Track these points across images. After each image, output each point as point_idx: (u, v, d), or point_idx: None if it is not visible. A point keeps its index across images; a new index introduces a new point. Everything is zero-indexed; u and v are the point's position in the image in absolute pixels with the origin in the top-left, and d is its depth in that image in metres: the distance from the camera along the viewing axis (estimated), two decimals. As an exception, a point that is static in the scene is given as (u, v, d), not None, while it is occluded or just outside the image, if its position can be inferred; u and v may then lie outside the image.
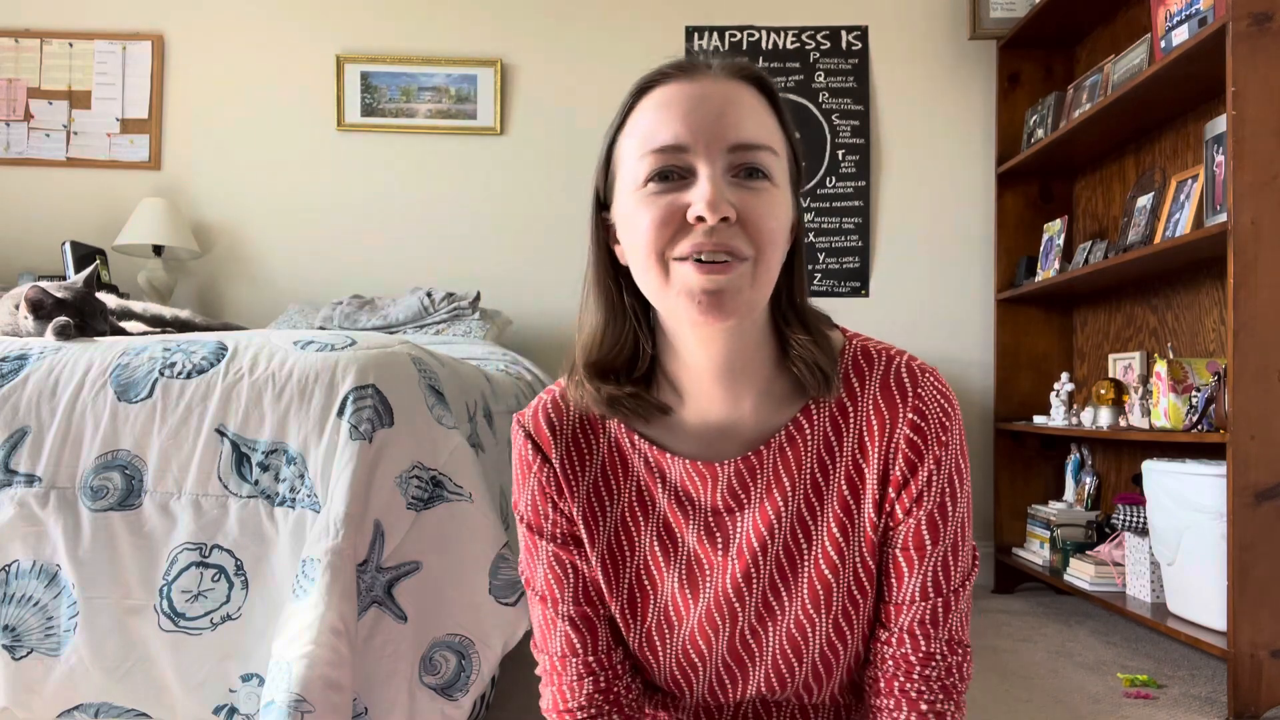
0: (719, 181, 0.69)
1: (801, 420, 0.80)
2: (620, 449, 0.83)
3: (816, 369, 0.77)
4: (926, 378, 0.79)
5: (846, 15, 3.36)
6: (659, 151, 0.71)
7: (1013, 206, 3.23)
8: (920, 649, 0.79)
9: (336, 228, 3.33)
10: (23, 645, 1.28)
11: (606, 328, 0.80)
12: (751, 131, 0.72)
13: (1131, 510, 2.44)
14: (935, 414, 0.78)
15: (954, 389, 3.16)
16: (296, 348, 1.39)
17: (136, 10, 3.35)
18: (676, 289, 0.71)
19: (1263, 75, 1.89)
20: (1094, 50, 3.08)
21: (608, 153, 0.78)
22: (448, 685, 1.26)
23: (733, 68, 0.75)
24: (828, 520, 0.80)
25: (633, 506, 0.83)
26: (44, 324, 1.53)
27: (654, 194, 0.71)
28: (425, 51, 3.36)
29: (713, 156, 0.70)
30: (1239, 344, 1.87)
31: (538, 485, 0.84)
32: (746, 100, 0.73)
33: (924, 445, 0.77)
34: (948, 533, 0.79)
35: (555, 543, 0.85)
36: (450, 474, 1.31)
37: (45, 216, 3.28)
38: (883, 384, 0.79)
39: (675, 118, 0.71)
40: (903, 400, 0.78)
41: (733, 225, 0.70)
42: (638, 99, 0.75)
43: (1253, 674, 1.84)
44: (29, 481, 1.30)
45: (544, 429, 0.84)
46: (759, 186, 0.71)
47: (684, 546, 0.83)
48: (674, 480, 0.82)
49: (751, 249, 0.70)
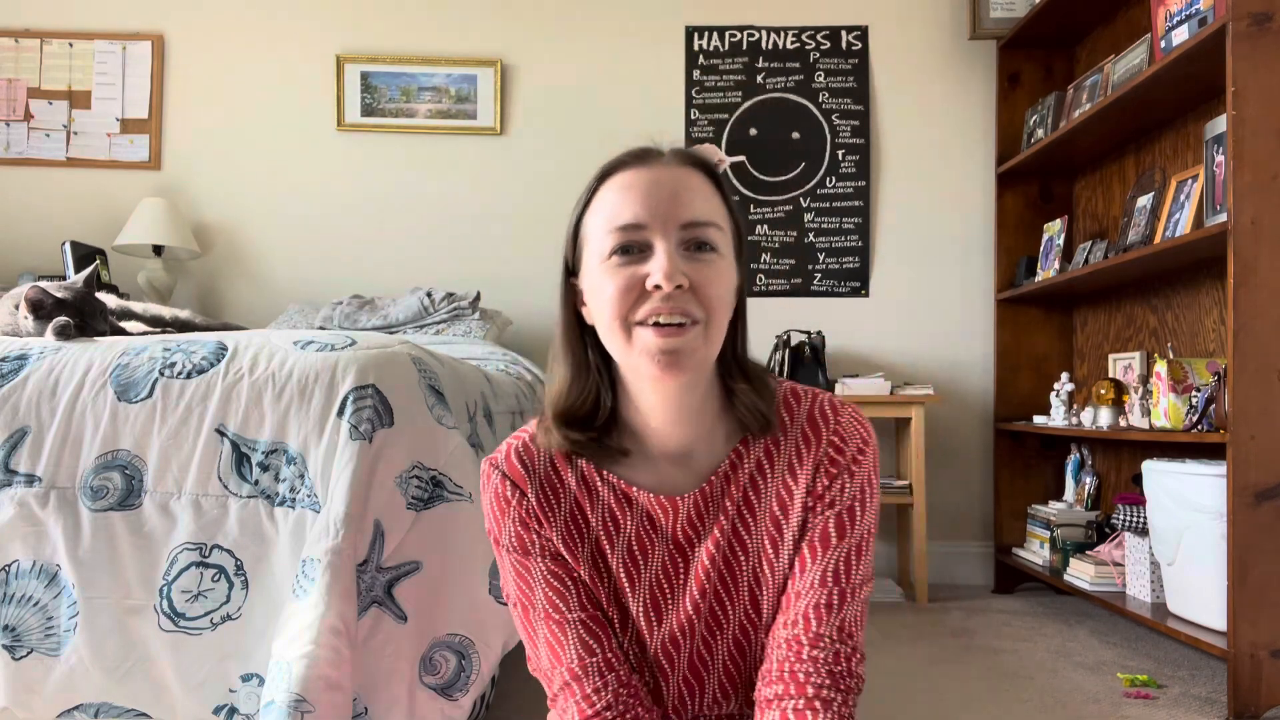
0: (673, 255, 0.81)
1: (741, 450, 0.91)
2: (588, 482, 0.92)
3: (757, 412, 0.88)
4: (846, 409, 0.92)
5: (846, 15, 3.37)
6: (621, 229, 0.82)
7: (1013, 206, 3.23)
8: (811, 629, 0.86)
9: (336, 228, 3.33)
10: (23, 645, 1.28)
11: (573, 382, 0.90)
12: (699, 211, 0.83)
13: (1131, 510, 2.44)
14: (853, 439, 0.90)
15: (954, 389, 3.14)
16: (296, 348, 1.39)
17: (136, 10, 3.35)
18: (638, 349, 0.82)
19: (1263, 75, 1.89)
20: (1094, 50, 3.08)
21: (575, 228, 0.89)
22: (448, 685, 1.26)
23: (682, 156, 0.87)
24: (760, 537, 0.91)
25: (603, 532, 0.92)
26: (44, 324, 1.53)
27: (617, 266, 0.82)
28: (425, 51, 3.36)
29: (667, 233, 0.82)
30: (1239, 344, 1.87)
31: (519, 518, 0.91)
32: (695, 184, 0.85)
33: (841, 460, 0.89)
34: (853, 535, 0.88)
35: (548, 558, 0.91)
36: (450, 474, 1.31)
37: (45, 216, 3.28)
38: (809, 417, 0.91)
39: (635, 200, 0.83)
40: (826, 427, 0.90)
41: (686, 292, 0.81)
42: (601, 182, 0.87)
43: (1253, 674, 1.84)
44: (29, 481, 1.30)
45: (518, 468, 0.92)
46: (707, 258, 0.83)
47: (648, 571, 0.92)
48: (640, 509, 0.91)
49: (702, 312, 0.82)
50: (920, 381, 3.19)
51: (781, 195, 3.35)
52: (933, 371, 3.30)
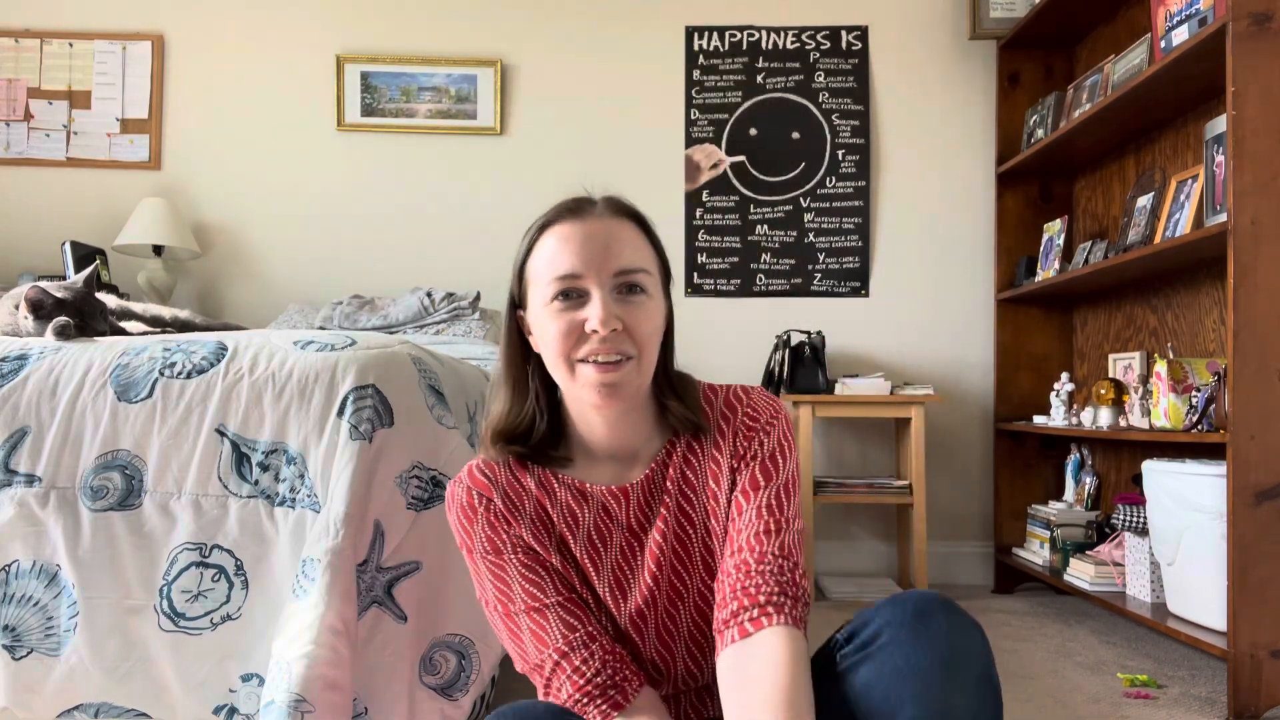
0: (607, 302, 0.93)
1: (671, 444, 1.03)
2: (546, 484, 1.02)
3: (688, 421, 1.01)
4: (754, 390, 1.05)
5: (846, 15, 3.36)
6: (560, 279, 0.94)
7: (1013, 206, 3.23)
8: (755, 551, 0.94)
9: (336, 228, 3.33)
10: (23, 645, 1.28)
11: (513, 404, 1.02)
12: (629, 259, 0.95)
13: (1131, 510, 2.44)
14: (764, 410, 1.02)
15: (954, 389, 3.15)
16: (296, 348, 1.39)
17: (136, 10, 3.35)
18: (581, 383, 0.94)
19: (1263, 75, 1.89)
20: (1094, 50, 3.08)
21: (521, 268, 1.00)
22: (448, 685, 1.26)
23: (614, 206, 0.99)
24: (702, 512, 1.02)
25: (564, 526, 1.01)
26: (44, 324, 1.53)
27: (559, 310, 0.94)
28: (425, 51, 3.36)
29: (602, 281, 0.93)
30: (1239, 344, 1.87)
31: (487, 523, 1.00)
32: (625, 234, 0.97)
33: (756, 425, 1.02)
34: (779, 478, 0.99)
35: (520, 552, 1.00)
36: (450, 474, 1.31)
37: (45, 216, 3.28)
38: (725, 403, 1.04)
39: (571, 252, 0.94)
40: (740, 405, 1.03)
41: (620, 334, 0.93)
42: (541, 232, 0.98)
43: (1253, 674, 1.84)
44: (29, 481, 1.30)
45: (481, 479, 1.02)
46: (637, 300, 0.95)
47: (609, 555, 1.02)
48: (597, 501, 1.02)
49: (635, 348, 0.94)
50: (920, 381, 3.19)
51: (781, 195, 3.35)
52: (933, 371, 3.30)
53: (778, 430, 1.02)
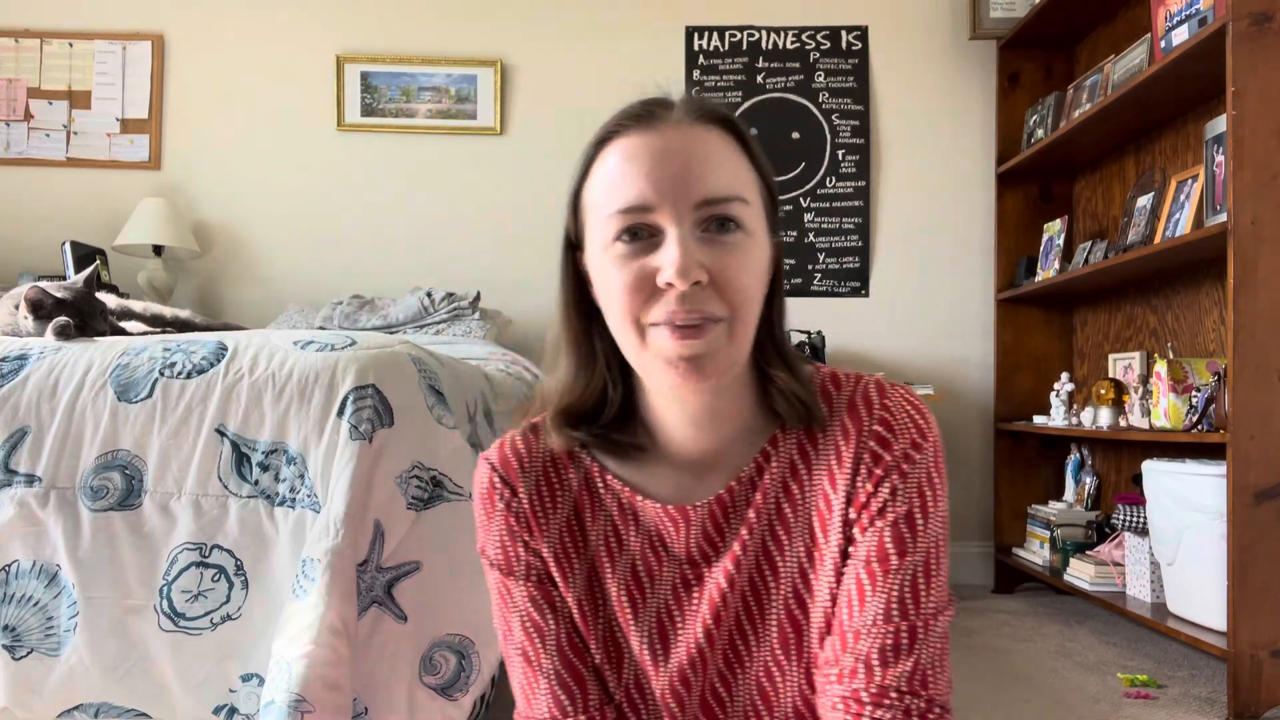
0: (688, 244, 0.67)
1: (768, 449, 0.76)
2: (592, 488, 0.79)
3: (797, 402, 0.74)
4: (895, 390, 0.75)
5: (846, 15, 3.36)
6: (624, 212, 0.69)
7: (1013, 206, 3.23)
8: (875, 682, 0.68)
9: (336, 228, 3.33)
10: (23, 645, 1.28)
11: (577, 374, 0.78)
12: (719, 184, 0.69)
13: (1131, 510, 2.44)
14: (905, 428, 0.72)
15: (954, 389, 3.12)
16: (296, 348, 1.39)
17: (136, 10, 3.35)
18: (653, 353, 0.69)
19: (1263, 75, 1.89)
20: (1094, 50, 3.08)
21: (574, 200, 0.77)
22: (448, 685, 1.26)
23: (695, 111, 0.72)
24: (797, 555, 0.75)
25: (604, 549, 0.79)
26: (44, 324, 1.53)
27: (623, 256, 0.69)
28: (425, 51, 3.36)
29: (680, 215, 0.68)
30: (1239, 344, 1.87)
31: (504, 523, 0.79)
32: (712, 147, 0.71)
33: (888, 457, 0.72)
34: (917, 550, 0.70)
35: (531, 582, 0.79)
36: (450, 474, 1.31)
37: (45, 216, 3.28)
38: (849, 403, 0.75)
39: (639, 175, 0.69)
40: (868, 412, 0.73)
41: (705, 288, 0.67)
42: (600, 148, 0.75)
43: (1253, 674, 1.84)
44: (29, 481, 1.30)
45: (511, 463, 0.80)
46: (731, 241, 0.69)
47: (655, 598, 0.78)
48: (648, 525, 0.78)
49: (726, 309, 0.68)
50: (920, 381, 3.19)
51: (781, 195, 3.34)
52: (933, 371, 3.30)
53: (924, 463, 0.72)
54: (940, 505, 0.72)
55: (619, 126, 0.74)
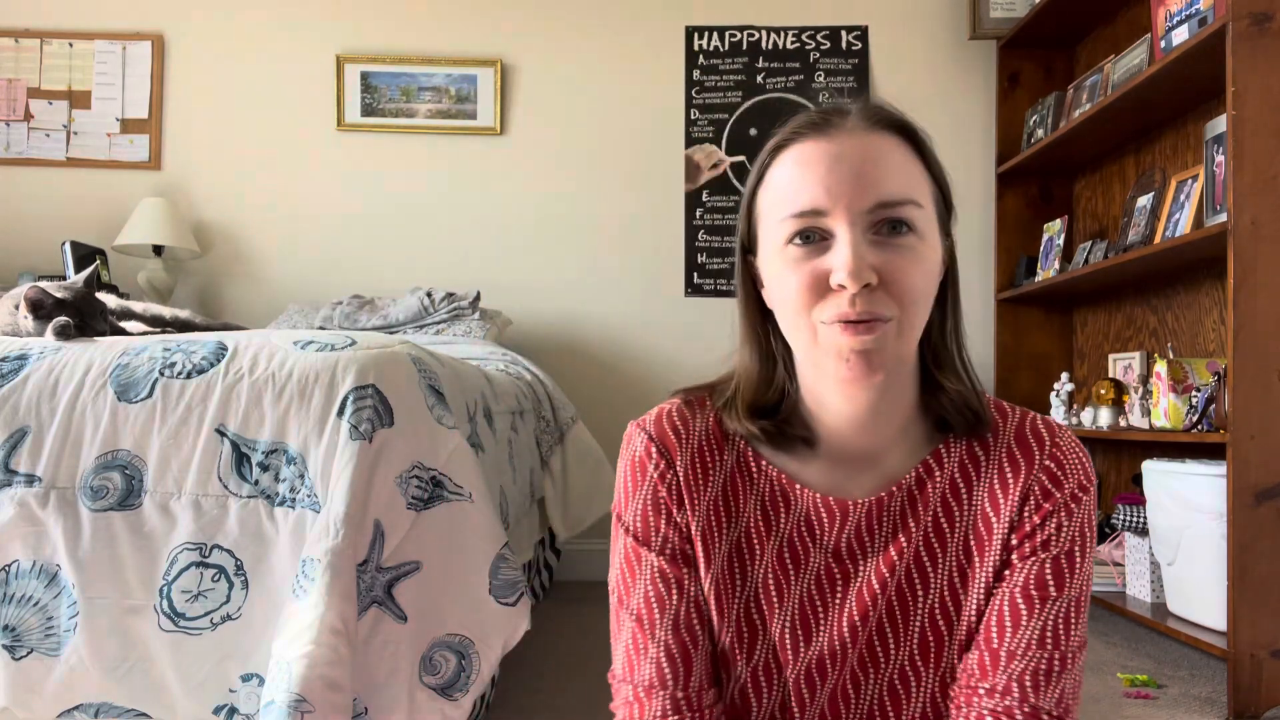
0: (859, 247, 0.69)
1: (931, 462, 0.79)
2: (746, 468, 0.81)
3: (966, 409, 0.77)
4: (1064, 433, 0.79)
5: (846, 15, 3.37)
6: (798, 216, 0.72)
7: (1013, 206, 3.23)
8: (1029, 701, 0.72)
9: (336, 227, 3.33)
10: (23, 645, 1.28)
11: (760, 371, 0.81)
12: (892, 188, 0.71)
13: (1131, 510, 2.44)
14: (1075, 470, 0.77)
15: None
16: (296, 348, 1.39)
17: (136, 10, 3.35)
18: (824, 348, 0.72)
19: (1263, 75, 1.89)
20: (1094, 50, 3.08)
21: (749, 206, 0.79)
22: (448, 685, 1.26)
23: (871, 117, 0.74)
24: (949, 568, 0.78)
25: (753, 530, 0.81)
26: (44, 324, 1.53)
27: (796, 259, 0.72)
28: (425, 51, 3.36)
29: (852, 219, 0.70)
30: (1239, 344, 1.87)
31: (652, 493, 0.81)
32: (886, 153, 0.72)
33: (1059, 495, 0.76)
34: (1072, 587, 0.75)
35: (664, 556, 0.81)
36: (450, 474, 1.31)
37: (45, 216, 3.28)
38: (1018, 434, 0.78)
39: (813, 180, 0.71)
40: (1040, 449, 0.77)
41: (875, 290, 0.70)
42: (775, 155, 0.76)
43: (1253, 674, 1.84)
44: (29, 481, 1.30)
45: (670, 434, 0.82)
46: (902, 243, 0.71)
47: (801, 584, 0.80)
48: (801, 511, 0.80)
49: (895, 309, 0.70)
50: (920, 381, 3.19)
51: (781, 195, 3.35)
52: (933, 371, 3.30)
53: (1085, 507, 0.77)
54: (1091, 552, 0.77)
55: (795, 134, 0.75)
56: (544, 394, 2.49)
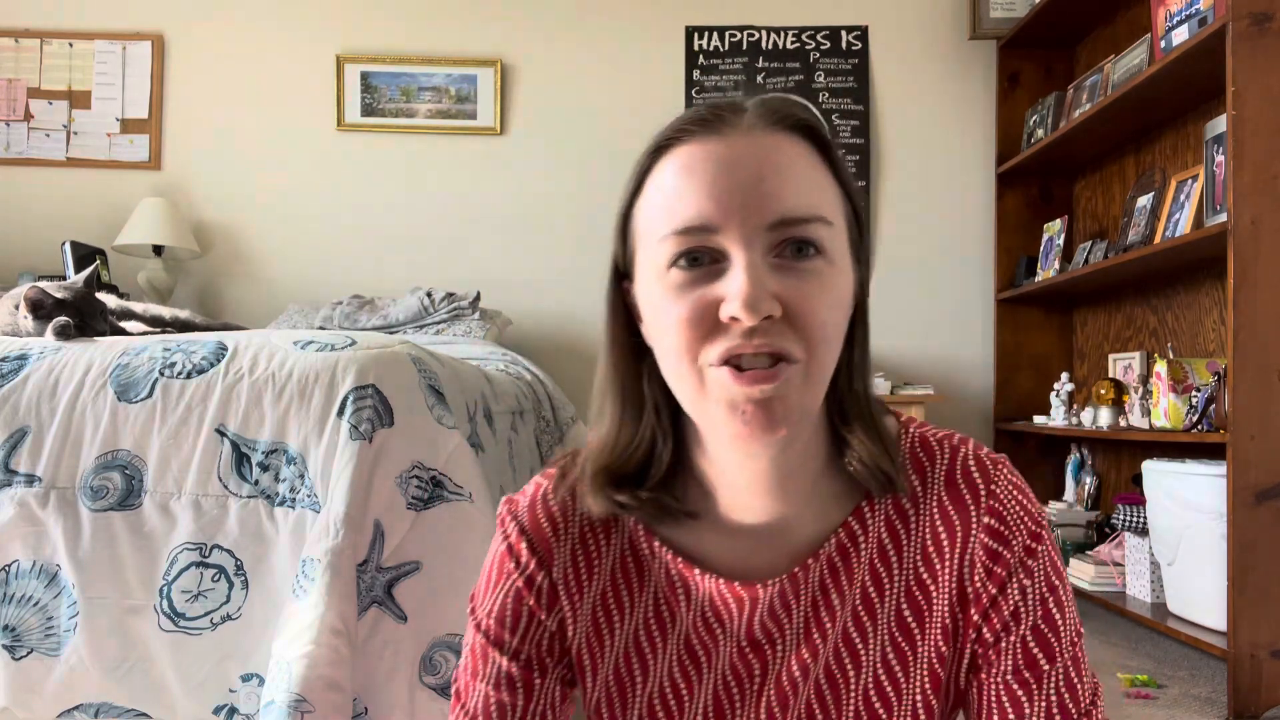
0: (757, 271, 0.56)
1: (854, 525, 0.66)
2: (637, 553, 0.69)
3: (878, 470, 0.64)
4: (1000, 471, 0.66)
5: (846, 15, 3.37)
6: (681, 233, 0.58)
7: (1013, 206, 3.23)
8: None
9: (336, 228, 3.33)
10: (23, 645, 1.28)
11: (623, 426, 0.67)
12: (798, 201, 0.58)
13: (1131, 510, 2.44)
14: (1016, 513, 0.64)
15: (954, 389, 3.10)
16: (296, 348, 1.39)
17: (136, 10, 3.35)
18: (714, 398, 0.58)
19: (1263, 75, 1.89)
20: (1094, 50, 3.08)
21: (624, 218, 0.65)
22: (448, 685, 1.26)
23: (772, 115, 0.61)
24: (882, 644, 0.66)
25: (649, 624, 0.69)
26: (44, 324, 1.53)
27: (680, 285, 0.58)
28: (425, 51, 3.36)
29: (749, 238, 0.57)
30: (1239, 344, 1.87)
31: (515, 596, 0.69)
32: (790, 158, 0.59)
33: (1009, 552, 0.64)
34: (1064, 644, 0.64)
35: (517, 662, 0.69)
36: (450, 474, 1.31)
37: (45, 216, 3.28)
38: (948, 480, 0.66)
39: (700, 190, 0.58)
40: (975, 501, 0.65)
41: (777, 322, 0.57)
42: (656, 158, 0.63)
43: (1253, 674, 1.84)
44: (29, 481, 1.30)
45: (545, 526, 0.69)
46: (809, 267, 0.58)
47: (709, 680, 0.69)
48: (702, 599, 0.67)
49: (802, 350, 0.58)
50: (920, 381, 3.19)
51: (781, 195, 3.35)
52: (933, 371, 3.30)
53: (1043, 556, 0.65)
54: (1069, 587, 0.66)
55: (678, 133, 0.62)
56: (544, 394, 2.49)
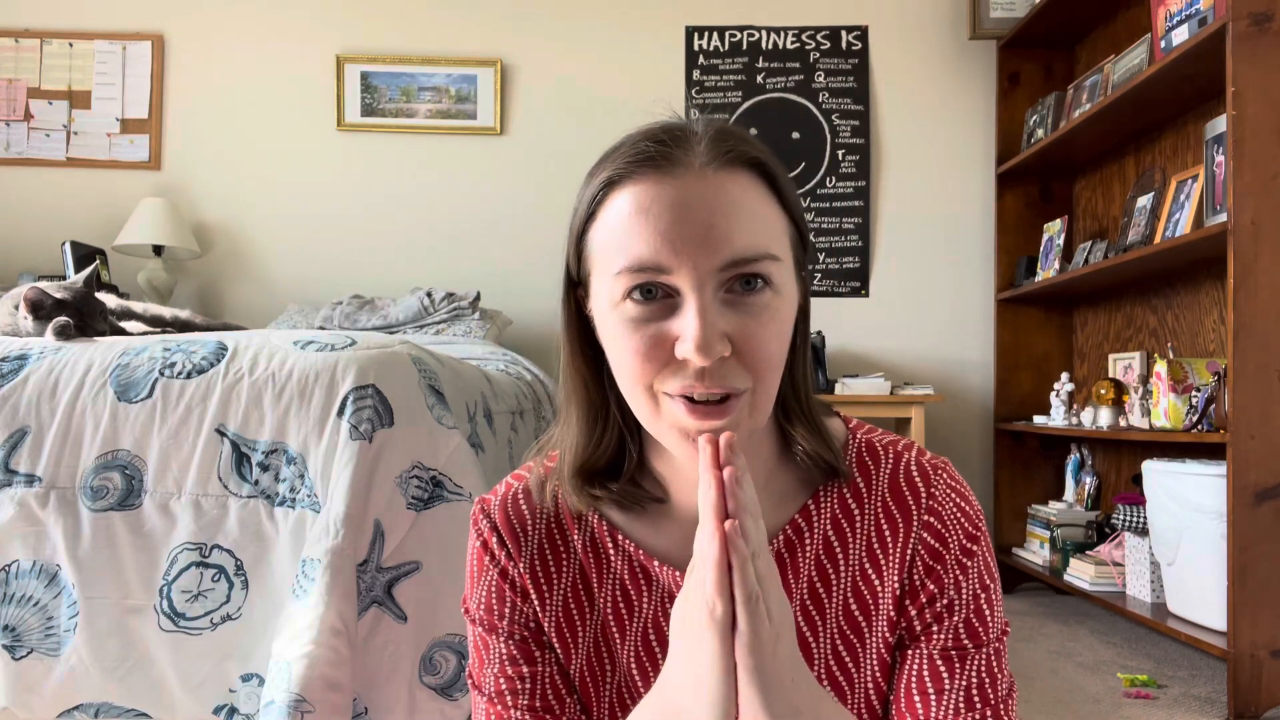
0: (709, 313, 0.60)
1: (800, 521, 0.71)
2: (599, 547, 0.73)
3: (819, 459, 0.70)
4: (941, 476, 0.71)
5: (846, 15, 3.37)
6: (637, 270, 0.61)
7: (1013, 206, 3.23)
8: None
9: (336, 228, 3.33)
10: (23, 645, 1.28)
11: (590, 428, 0.71)
12: (746, 243, 0.61)
13: (1131, 510, 2.44)
14: (954, 515, 0.70)
15: (954, 389, 3.11)
16: (296, 348, 1.39)
17: (136, 10, 3.35)
18: (668, 423, 0.63)
19: (1263, 75, 1.89)
20: (1094, 50, 3.08)
21: (579, 236, 0.67)
22: (448, 685, 1.26)
23: (721, 155, 0.63)
24: (831, 639, 0.71)
25: (614, 615, 0.73)
26: (44, 324, 1.53)
27: (634, 319, 0.62)
28: (425, 51, 3.36)
29: (701, 281, 0.60)
30: (1239, 344, 1.87)
31: (495, 586, 0.74)
32: (739, 199, 0.62)
33: (947, 552, 0.69)
34: (990, 636, 0.69)
35: (514, 641, 0.74)
36: (450, 474, 1.31)
37: (45, 216, 3.28)
38: (892, 484, 0.71)
39: (654, 232, 0.60)
40: (916, 503, 0.70)
41: (728, 359, 0.61)
42: (608, 190, 0.64)
43: (1253, 674, 1.84)
44: (29, 481, 1.30)
45: (514, 524, 0.74)
46: (758, 302, 0.62)
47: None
48: (662, 589, 0.72)
49: (749, 380, 0.62)
50: (920, 381, 3.19)
51: (781, 195, 3.35)
52: (933, 371, 3.30)
53: (979, 557, 0.70)
54: (999, 588, 0.71)
55: (630, 169, 0.63)
56: (544, 394, 2.49)
